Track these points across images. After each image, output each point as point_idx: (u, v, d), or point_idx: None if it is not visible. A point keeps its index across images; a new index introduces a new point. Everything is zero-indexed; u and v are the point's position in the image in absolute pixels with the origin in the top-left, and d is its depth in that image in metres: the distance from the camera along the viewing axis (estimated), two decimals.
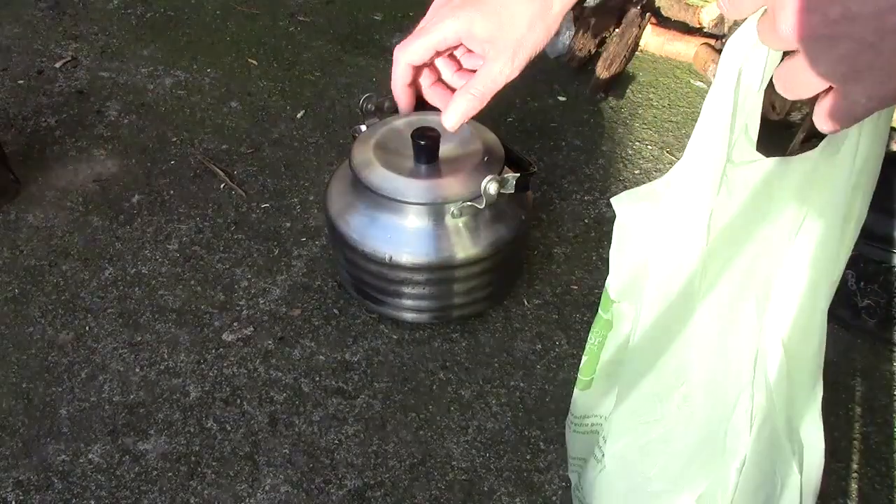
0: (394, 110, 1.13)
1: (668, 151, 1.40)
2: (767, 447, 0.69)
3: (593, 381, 0.73)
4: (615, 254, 0.68)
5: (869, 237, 1.10)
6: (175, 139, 1.39)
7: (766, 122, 0.56)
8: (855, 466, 0.94)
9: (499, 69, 0.76)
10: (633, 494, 0.75)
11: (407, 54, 0.79)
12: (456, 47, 0.80)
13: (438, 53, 0.80)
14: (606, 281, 0.69)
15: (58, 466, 0.93)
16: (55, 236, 1.21)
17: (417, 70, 0.82)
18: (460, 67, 0.84)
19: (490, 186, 0.99)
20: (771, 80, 0.49)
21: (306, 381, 1.03)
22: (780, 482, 0.71)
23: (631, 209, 0.65)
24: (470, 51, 0.80)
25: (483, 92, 0.78)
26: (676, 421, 0.69)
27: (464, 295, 1.06)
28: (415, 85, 0.84)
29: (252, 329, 1.09)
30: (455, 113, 0.81)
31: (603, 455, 0.76)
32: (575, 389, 0.79)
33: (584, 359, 0.75)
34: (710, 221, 0.59)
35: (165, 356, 1.05)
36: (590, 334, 0.73)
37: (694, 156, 0.58)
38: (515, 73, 0.76)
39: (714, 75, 0.54)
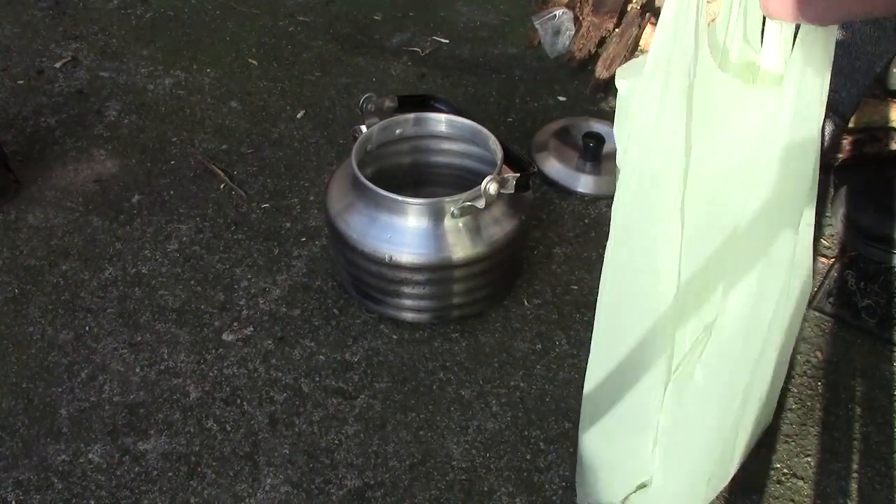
0: (394, 110, 1.14)
1: None
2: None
3: None
4: (616, 129, 0.69)
5: (869, 237, 1.11)
6: (175, 139, 1.39)
7: None
8: (855, 466, 0.94)
9: None
10: None
11: None
12: None
13: None
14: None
15: (58, 466, 0.93)
16: (55, 236, 1.21)
17: None
18: None
19: (490, 186, 0.99)
20: None
21: (306, 381, 1.02)
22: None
23: (631, 81, 0.65)
24: None
25: None
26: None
27: (464, 295, 1.06)
28: None
29: (252, 329, 1.09)
30: None
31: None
32: None
33: None
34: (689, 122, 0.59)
35: (165, 356, 1.05)
36: None
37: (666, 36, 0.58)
38: None
39: None
